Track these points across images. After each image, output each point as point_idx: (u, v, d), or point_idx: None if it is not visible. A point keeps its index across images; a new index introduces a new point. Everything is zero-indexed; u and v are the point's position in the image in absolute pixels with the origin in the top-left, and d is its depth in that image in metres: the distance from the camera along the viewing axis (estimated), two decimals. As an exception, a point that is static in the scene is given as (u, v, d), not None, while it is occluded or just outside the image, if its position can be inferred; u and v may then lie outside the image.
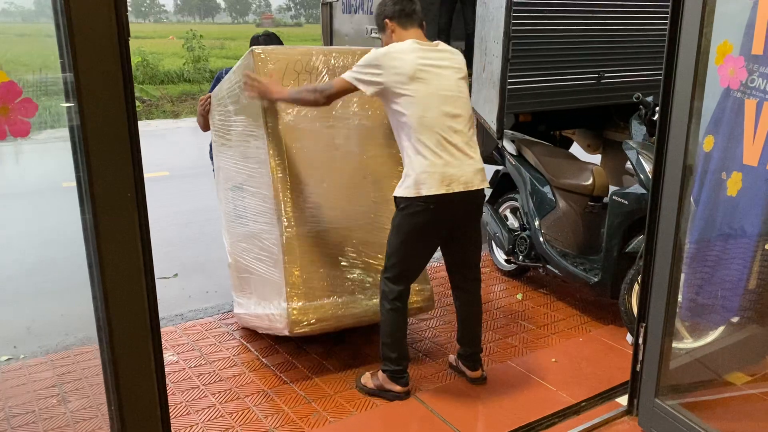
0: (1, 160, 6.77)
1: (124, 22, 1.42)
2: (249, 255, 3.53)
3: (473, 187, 2.92)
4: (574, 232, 4.04)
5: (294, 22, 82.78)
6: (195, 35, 18.37)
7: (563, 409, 3.03)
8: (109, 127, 1.42)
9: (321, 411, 3.02)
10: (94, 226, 1.43)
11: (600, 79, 4.84)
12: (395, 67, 2.82)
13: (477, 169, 2.95)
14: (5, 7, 1.91)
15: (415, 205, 2.86)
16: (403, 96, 2.83)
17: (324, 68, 3.37)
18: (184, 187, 7.30)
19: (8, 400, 3.12)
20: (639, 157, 3.51)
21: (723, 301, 2.88)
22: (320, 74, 3.35)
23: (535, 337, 3.75)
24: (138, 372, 1.59)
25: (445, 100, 2.87)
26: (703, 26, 2.35)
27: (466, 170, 2.90)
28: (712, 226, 2.69)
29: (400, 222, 2.94)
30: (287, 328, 3.12)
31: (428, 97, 2.83)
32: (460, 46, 6.67)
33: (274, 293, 3.27)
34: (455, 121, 2.89)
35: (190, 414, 3.01)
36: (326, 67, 3.37)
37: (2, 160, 6.80)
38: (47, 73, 1.84)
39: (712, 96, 2.49)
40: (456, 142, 2.87)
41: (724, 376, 2.90)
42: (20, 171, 6.92)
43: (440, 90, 2.87)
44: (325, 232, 3.28)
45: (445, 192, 2.84)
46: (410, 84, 2.81)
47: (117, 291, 1.47)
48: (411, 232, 2.93)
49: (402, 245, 2.97)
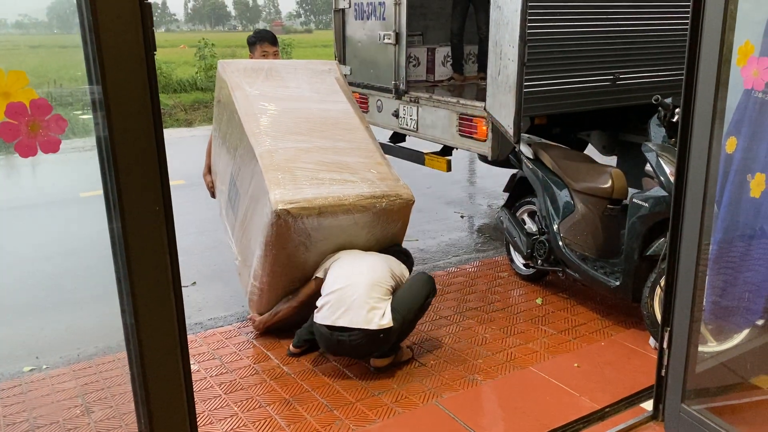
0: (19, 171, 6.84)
1: (150, 36, 1.43)
2: (243, 237, 3.79)
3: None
4: (594, 236, 4.01)
5: (304, 28, 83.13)
6: (207, 44, 18.48)
7: (587, 415, 3.01)
8: (137, 140, 1.43)
9: (343, 419, 3.01)
10: (123, 240, 1.43)
11: (615, 80, 4.81)
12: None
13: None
14: (19, 19, 1.93)
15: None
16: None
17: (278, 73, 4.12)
18: (199, 195, 7.31)
19: (33, 411, 3.14)
20: (659, 159, 3.48)
21: (747, 303, 2.84)
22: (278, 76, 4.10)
23: (557, 342, 3.73)
24: (167, 383, 1.59)
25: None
26: (726, 27, 2.33)
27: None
28: (735, 228, 2.66)
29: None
30: (273, 212, 3.27)
31: None
32: (473, 51, 6.68)
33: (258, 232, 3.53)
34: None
35: (213, 423, 3.01)
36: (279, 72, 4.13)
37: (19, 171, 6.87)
38: (62, 84, 1.85)
39: (733, 97, 2.47)
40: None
41: (751, 379, 2.86)
42: (37, 182, 6.98)
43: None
44: (297, 150, 3.65)
45: None
46: None
47: (147, 304, 1.47)
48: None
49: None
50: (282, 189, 3.35)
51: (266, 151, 3.57)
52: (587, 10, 4.53)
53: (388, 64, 5.79)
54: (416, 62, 6.46)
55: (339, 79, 4.27)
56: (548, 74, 4.42)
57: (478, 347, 3.68)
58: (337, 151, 3.72)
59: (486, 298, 4.35)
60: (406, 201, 3.60)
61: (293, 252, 3.47)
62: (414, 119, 5.65)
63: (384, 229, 3.65)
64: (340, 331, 3.20)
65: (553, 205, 4.17)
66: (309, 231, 3.41)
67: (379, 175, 3.64)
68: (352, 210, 3.44)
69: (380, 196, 3.51)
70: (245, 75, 4.04)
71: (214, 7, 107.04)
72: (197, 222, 6.30)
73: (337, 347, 3.27)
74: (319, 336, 3.31)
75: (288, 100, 3.95)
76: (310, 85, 4.14)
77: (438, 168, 5.61)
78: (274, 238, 3.37)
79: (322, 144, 3.73)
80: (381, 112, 6.06)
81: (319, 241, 3.48)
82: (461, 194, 7.66)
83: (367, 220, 3.53)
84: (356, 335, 3.18)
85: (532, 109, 4.43)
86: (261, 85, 3.99)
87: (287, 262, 3.50)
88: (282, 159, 3.54)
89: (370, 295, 3.22)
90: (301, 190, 3.38)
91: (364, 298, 3.20)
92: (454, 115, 5.16)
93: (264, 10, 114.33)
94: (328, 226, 3.44)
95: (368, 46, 6.08)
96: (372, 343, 3.22)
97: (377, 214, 3.53)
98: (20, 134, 1.35)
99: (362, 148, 3.81)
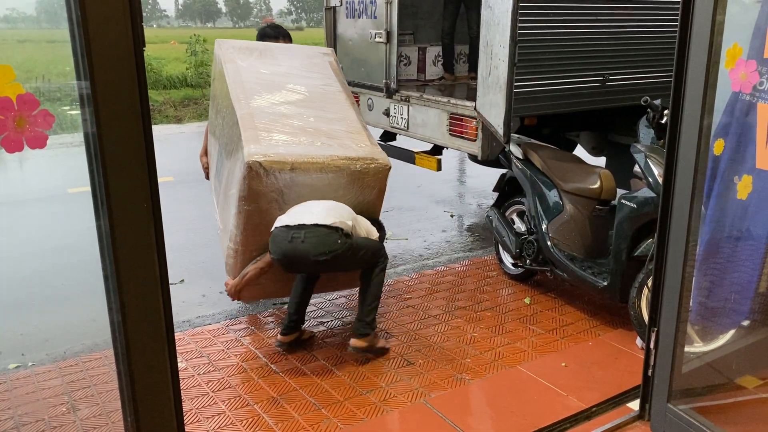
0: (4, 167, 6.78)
1: (139, 32, 1.42)
2: (225, 203, 3.84)
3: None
4: (582, 236, 4.03)
5: (295, 26, 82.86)
6: (198, 40, 18.34)
7: (574, 414, 3.02)
8: (126, 136, 1.42)
9: (331, 417, 3.01)
10: (110, 237, 1.42)
11: (605, 82, 4.84)
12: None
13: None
14: (7, 13, 1.91)
15: None
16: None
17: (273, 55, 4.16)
18: (188, 192, 7.29)
19: (18, 408, 3.11)
20: (647, 160, 3.50)
21: (733, 304, 2.87)
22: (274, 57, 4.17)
23: (544, 342, 3.74)
24: (154, 381, 1.58)
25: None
26: (714, 30, 2.35)
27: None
28: (722, 229, 2.68)
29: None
30: (245, 164, 3.28)
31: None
32: (463, 50, 6.69)
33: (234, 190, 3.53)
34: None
35: (201, 421, 3.00)
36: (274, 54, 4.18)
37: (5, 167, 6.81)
38: (50, 79, 1.83)
39: (721, 99, 2.49)
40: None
41: (736, 379, 2.88)
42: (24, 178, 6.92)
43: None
44: (279, 115, 3.70)
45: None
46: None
47: (134, 301, 1.46)
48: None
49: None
50: (257, 144, 3.40)
51: (247, 113, 3.62)
52: (578, 11, 4.55)
53: (379, 63, 5.79)
54: (407, 61, 6.46)
55: (332, 63, 4.28)
56: (538, 75, 4.43)
57: (467, 346, 3.69)
58: (319, 119, 3.76)
59: (475, 298, 4.36)
60: (382, 165, 3.59)
61: (266, 209, 3.47)
62: (405, 118, 5.65)
63: (359, 195, 3.64)
64: (296, 229, 3.26)
65: (542, 205, 4.18)
66: (281, 187, 3.41)
67: (356, 142, 3.67)
68: (326, 169, 3.45)
69: (355, 158, 3.53)
70: (239, 52, 4.10)
71: (205, 3, 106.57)
72: (185, 219, 6.27)
73: (292, 251, 3.25)
74: (273, 241, 3.33)
75: (278, 75, 4.01)
76: (303, 65, 4.19)
77: (428, 167, 5.62)
78: (247, 193, 3.38)
79: (305, 112, 3.78)
80: (372, 111, 6.06)
81: (292, 200, 3.48)
82: (451, 193, 7.68)
83: (341, 181, 3.53)
84: (311, 232, 3.22)
85: (522, 109, 4.44)
86: (253, 61, 4.06)
87: (260, 220, 3.49)
88: (262, 121, 3.59)
89: (329, 213, 3.32)
90: (276, 147, 3.43)
91: (324, 211, 3.33)
92: (445, 114, 5.17)
93: (255, 7, 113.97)
94: (301, 183, 3.44)
95: (359, 44, 6.07)
96: (328, 244, 3.22)
97: (352, 176, 3.53)
98: (6, 129, 1.33)
99: (345, 119, 3.83)
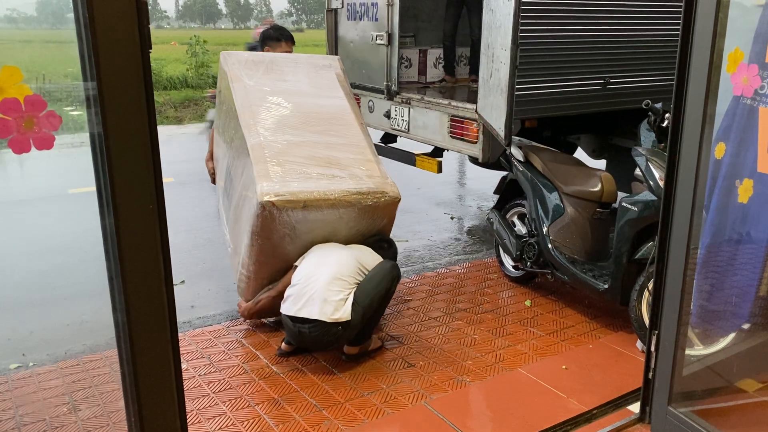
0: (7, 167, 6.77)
1: (145, 33, 1.43)
2: (235, 226, 3.83)
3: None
4: (583, 239, 4.04)
5: (295, 27, 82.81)
6: (198, 41, 18.34)
7: (574, 417, 3.03)
8: (132, 137, 1.42)
9: (332, 419, 3.02)
10: (116, 237, 1.43)
11: (606, 85, 4.85)
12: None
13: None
14: (8, 13, 1.91)
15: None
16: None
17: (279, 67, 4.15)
18: (189, 193, 7.30)
19: (19, 409, 3.11)
20: (648, 163, 3.51)
21: (734, 307, 2.87)
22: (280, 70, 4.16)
23: (545, 344, 3.75)
24: (158, 381, 1.58)
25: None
26: (716, 34, 2.36)
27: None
28: (723, 233, 2.68)
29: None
30: (259, 203, 3.31)
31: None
32: (465, 53, 6.70)
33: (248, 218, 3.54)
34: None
35: (202, 422, 3.00)
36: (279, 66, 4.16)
37: (8, 167, 6.80)
38: (51, 79, 1.83)
39: (722, 103, 2.50)
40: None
41: (737, 383, 2.89)
42: (26, 178, 6.92)
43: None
44: (288, 144, 3.69)
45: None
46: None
47: (139, 302, 1.47)
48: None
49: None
50: (269, 181, 3.40)
51: (257, 144, 3.61)
52: (579, 14, 4.56)
53: (380, 65, 5.79)
54: (408, 63, 6.47)
55: (339, 74, 4.29)
56: (540, 78, 4.44)
57: (467, 348, 3.70)
58: (329, 146, 3.75)
59: (475, 300, 4.37)
60: (392, 199, 3.62)
61: (278, 243, 3.51)
62: (405, 120, 5.66)
63: (369, 225, 3.68)
64: (300, 322, 3.29)
65: (543, 207, 4.19)
66: (294, 223, 3.44)
67: (367, 172, 3.66)
68: (337, 205, 3.48)
69: (366, 192, 3.54)
70: (246, 67, 4.09)
71: (205, 4, 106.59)
72: (186, 220, 6.28)
73: (299, 338, 3.36)
74: (285, 326, 3.44)
75: (285, 94, 4.00)
76: (310, 79, 4.18)
77: (429, 169, 5.63)
78: (260, 229, 3.41)
79: (314, 138, 3.77)
80: (373, 113, 6.06)
81: (303, 234, 3.51)
82: (451, 195, 7.68)
83: (352, 215, 3.56)
84: (314, 327, 3.26)
85: (523, 111, 4.45)
86: (260, 78, 4.04)
87: (272, 252, 3.54)
88: (272, 152, 3.58)
89: (329, 288, 3.29)
90: (288, 183, 3.43)
91: (322, 291, 3.29)
92: (446, 116, 5.17)
93: (255, 8, 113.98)
94: (313, 219, 3.47)
95: (360, 46, 6.08)
96: (330, 335, 3.28)
97: (362, 210, 3.57)
98: (13, 131, 1.34)
99: (354, 144, 3.83)
